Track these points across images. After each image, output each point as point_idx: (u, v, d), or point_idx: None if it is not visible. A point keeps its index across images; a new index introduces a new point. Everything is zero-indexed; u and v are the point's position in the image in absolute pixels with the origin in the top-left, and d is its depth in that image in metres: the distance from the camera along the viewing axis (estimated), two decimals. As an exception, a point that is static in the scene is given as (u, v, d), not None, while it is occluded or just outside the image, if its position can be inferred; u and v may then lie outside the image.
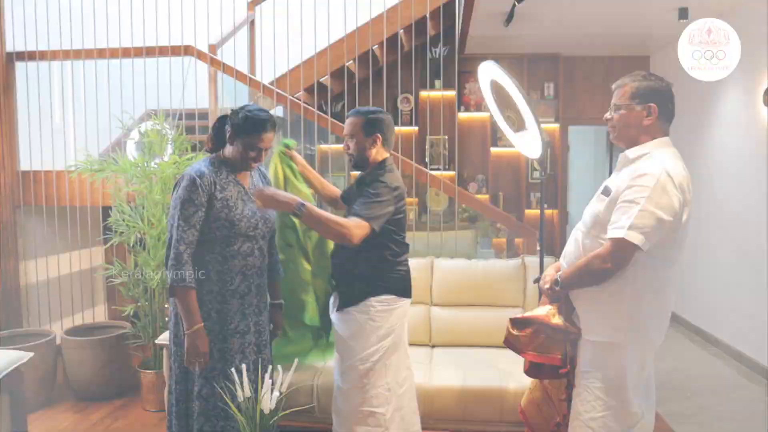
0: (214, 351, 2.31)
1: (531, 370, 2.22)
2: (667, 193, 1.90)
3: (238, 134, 2.33)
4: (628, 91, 2.06)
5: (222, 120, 2.42)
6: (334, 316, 2.57)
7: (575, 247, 2.12)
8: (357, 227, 2.30)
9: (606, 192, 2.04)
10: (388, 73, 5.10)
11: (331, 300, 2.64)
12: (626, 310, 1.99)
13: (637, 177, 1.93)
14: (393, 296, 2.48)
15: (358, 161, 2.54)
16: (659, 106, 2.03)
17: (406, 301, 2.56)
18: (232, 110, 2.39)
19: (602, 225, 2.01)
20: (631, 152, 2.05)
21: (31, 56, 4.34)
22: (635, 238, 1.88)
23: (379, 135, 2.49)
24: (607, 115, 2.13)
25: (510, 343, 2.19)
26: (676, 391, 3.96)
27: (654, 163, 1.95)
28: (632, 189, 1.93)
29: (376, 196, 2.37)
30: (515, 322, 2.18)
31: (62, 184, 4.34)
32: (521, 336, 2.15)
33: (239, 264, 2.34)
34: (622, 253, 1.92)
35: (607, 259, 1.93)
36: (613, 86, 2.13)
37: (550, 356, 2.10)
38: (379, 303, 2.45)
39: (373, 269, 2.46)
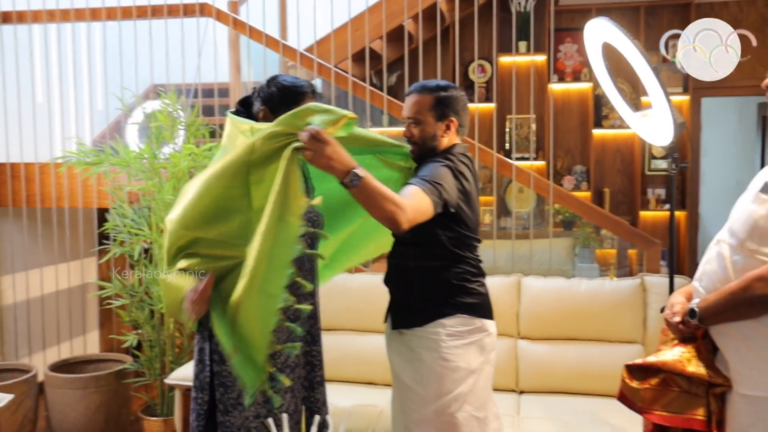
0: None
1: None
2: None
3: (273, 111, 2.36)
4: None
5: (245, 102, 2.47)
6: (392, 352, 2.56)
7: (719, 266, 2.05)
8: (414, 209, 2.16)
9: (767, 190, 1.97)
10: (458, 34, 5.07)
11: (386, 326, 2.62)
12: None
13: None
14: (467, 316, 2.42)
15: (425, 153, 2.49)
16: None
17: (490, 327, 2.51)
18: (254, 89, 2.45)
19: (763, 235, 1.94)
20: None
21: (6, 18, 4.48)
22: None
23: (453, 119, 2.44)
24: None
25: (627, 398, 2.13)
26: None
27: None
28: None
29: (436, 177, 2.31)
30: (634, 371, 2.12)
31: (47, 181, 4.49)
32: (643, 389, 2.08)
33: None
34: None
35: None
36: None
37: (687, 417, 2.03)
38: (451, 330, 2.40)
39: (444, 282, 2.42)
